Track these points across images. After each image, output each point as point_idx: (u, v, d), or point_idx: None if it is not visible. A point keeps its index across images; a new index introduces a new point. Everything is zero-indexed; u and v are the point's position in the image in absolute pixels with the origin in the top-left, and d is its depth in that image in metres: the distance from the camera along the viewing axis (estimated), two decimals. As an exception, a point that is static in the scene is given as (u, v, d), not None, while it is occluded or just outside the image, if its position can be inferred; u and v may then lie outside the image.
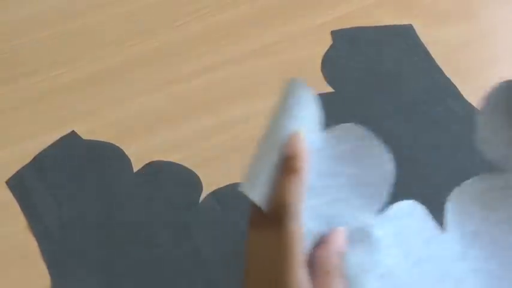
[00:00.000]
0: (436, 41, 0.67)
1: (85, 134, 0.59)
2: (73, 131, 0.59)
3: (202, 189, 0.55)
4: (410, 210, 0.39)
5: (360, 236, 0.36)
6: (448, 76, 0.63)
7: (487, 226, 0.42)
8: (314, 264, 0.32)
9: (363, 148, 0.38)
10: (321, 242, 0.34)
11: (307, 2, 0.71)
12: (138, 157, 0.57)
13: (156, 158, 0.57)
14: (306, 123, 0.35)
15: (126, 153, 0.57)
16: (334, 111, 0.61)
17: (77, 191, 0.55)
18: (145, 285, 0.50)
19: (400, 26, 0.68)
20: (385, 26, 0.68)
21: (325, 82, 0.63)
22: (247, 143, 0.59)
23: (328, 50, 0.66)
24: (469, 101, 0.60)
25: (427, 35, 0.67)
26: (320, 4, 0.71)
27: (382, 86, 0.60)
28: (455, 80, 0.63)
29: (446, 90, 0.62)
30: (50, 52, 0.66)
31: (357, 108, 0.61)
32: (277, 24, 0.69)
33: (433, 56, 0.65)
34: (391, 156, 0.37)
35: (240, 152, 0.58)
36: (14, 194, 0.55)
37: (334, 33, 0.68)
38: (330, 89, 0.63)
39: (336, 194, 0.36)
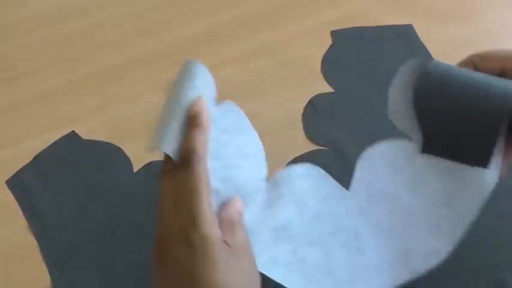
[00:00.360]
0: (436, 41, 0.67)
1: (85, 134, 0.59)
2: (73, 131, 0.59)
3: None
4: (303, 173, 0.46)
5: (252, 197, 0.43)
6: (448, 76, 0.63)
7: (393, 186, 0.46)
8: (220, 220, 0.38)
9: (240, 124, 0.44)
10: (223, 204, 0.40)
11: (307, 2, 0.71)
12: (138, 157, 0.57)
13: (156, 158, 0.57)
14: (205, 94, 0.41)
15: (126, 153, 0.57)
16: (334, 111, 0.61)
17: (77, 191, 0.55)
18: (145, 285, 0.50)
19: (400, 26, 0.68)
20: (385, 26, 0.68)
21: (325, 82, 0.64)
22: (247, 143, 0.59)
23: (328, 50, 0.66)
24: (469, 101, 0.60)
25: (427, 35, 0.68)
26: (320, 4, 0.71)
27: (382, 86, 0.60)
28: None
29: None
30: (50, 52, 0.66)
31: (357, 108, 0.61)
32: (277, 24, 0.69)
33: (433, 56, 0.65)
34: (256, 134, 0.45)
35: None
36: (14, 194, 0.55)
37: (334, 33, 0.68)
38: (330, 89, 0.63)
39: (229, 160, 0.42)
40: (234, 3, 0.71)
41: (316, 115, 0.61)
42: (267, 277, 0.42)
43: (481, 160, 0.44)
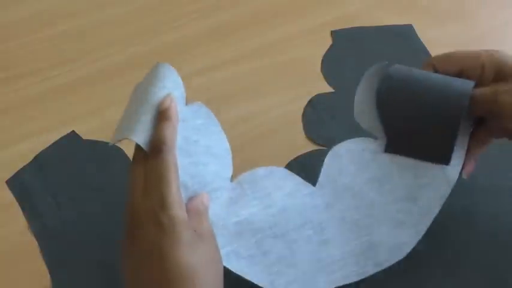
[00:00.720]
0: (435, 41, 0.67)
1: (85, 134, 0.59)
2: (73, 131, 0.59)
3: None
4: (267, 174, 0.48)
5: (218, 194, 0.46)
6: (448, 76, 0.63)
7: (358, 182, 0.49)
8: (188, 210, 0.41)
9: (209, 126, 0.47)
10: (191, 197, 0.43)
11: (307, 2, 0.71)
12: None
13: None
14: (175, 94, 0.44)
15: (126, 153, 0.57)
16: (334, 111, 0.61)
17: (77, 191, 0.55)
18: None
19: (400, 26, 0.68)
20: (386, 26, 0.68)
21: (325, 82, 0.64)
22: (247, 143, 0.59)
23: (328, 50, 0.66)
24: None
25: (427, 35, 0.68)
26: (320, 4, 0.71)
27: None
28: (455, 80, 0.63)
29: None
30: (50, 52, 0.66)
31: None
32: (277, 24, 0.69)
33: (433, 56, 0.65)
34: (225, 136, 0.48)
35: (240, 151, 0.58)
36: (14, 194, 0.55)
37: (335, 33, 0.68)
38: (330, 89, 0.63)
39: (198, 158, 0.45)
40: (233, 3, 0.71)
41: (316, 115, 0.61)
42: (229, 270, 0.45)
43: (442, 157, 0.47)
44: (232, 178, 0.49)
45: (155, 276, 0.39)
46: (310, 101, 0.62)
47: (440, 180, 0.48)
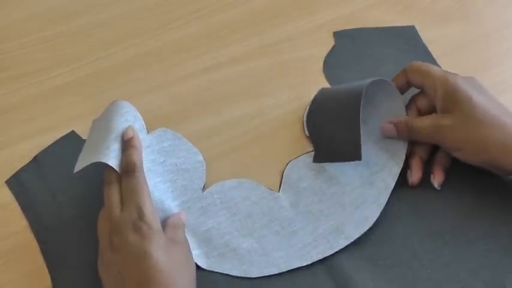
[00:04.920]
0: (436, 41, 0.67)
1: (85, 134, 0.59)
2: (73, 131, 0.59)
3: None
4: (235, 185, 0.54)
5: (189, 205, 0.53)
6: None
7: (318, 183, 0.55)
8: (166, 224, 0.49)
9: (177, 146, 0.55)
10: (172, 214, 0.51)
11: (308, 2, 0.71)
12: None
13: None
14: (136, 126, 0.52)
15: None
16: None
17: (77, 191, 0.54)
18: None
19: (401, 27, 0.68)
20: (388, 27, 0.68)
21: (327, 82, 0.63)
22: (247, 143, 0.59)
23: (330, 50, 0.66)
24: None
25: (427, 36, 0.67)
26: (320, 4, 0.71)
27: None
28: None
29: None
30: (50, 52, 0.66)
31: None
32: (278, 24, 0.69)
33: (434, 56, 0.65)
34: (198, 150, 0.55)
35: (240, 151, 0.58)
36: (14, 194, 0.55)
37: (336, 34, 0.68)
38: (330, 89, 0.63)
39: (165, 176, 0.53)
40: (234, 3, 0.71)
41: (316, 115, 0.61)
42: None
43: (354, 154, 0.52)
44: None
45: (140, 274, 0.44)
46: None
47: (390, 164, 0.54)
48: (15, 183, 0.56)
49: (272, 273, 0.50)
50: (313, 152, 0.57)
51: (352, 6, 0.71)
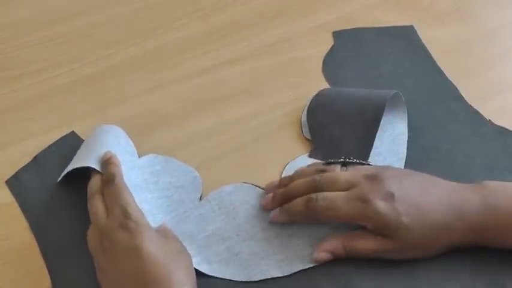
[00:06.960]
0: (436, 41, 0.67)
1: (85, 134, 0.59)
2: (73, 131, 0.59)
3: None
4: (232, 190, 0.54)
5: (188, 214, 0.53)
6: (448, 77, 0.63)
7: None
8: (156, 230, 0.48)
9: (170, 167, 0.56)
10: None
11: (308, 2, 0.71)
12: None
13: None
14: (127, 149, 0.55)
15: (126, 153, 0.57)
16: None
17: (76, 190, 0.55)
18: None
19: (401, 26, 0.68)
20: (387, 27, 0.68)
21: (326, 82, 0.63)
22: (247, 143, 0.59)
23: (329, 50, 0.66)
24: (469, 101, 0.60)
25: (427, 36, 0.67)
26: (320, 4, 0.71)
27: (383, 87, 0.60)
28: (455, 81, 0.62)
29: (446, 91, 0.62)
30: (50, 52, 0.66)
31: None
32: (277, 24, 0.69)
33: (433, 56, 0.65)
34: (193, 168, 0.56)
35: (240, 151, 0.58)
36: (14, 194, 0.55)
37: (336, 34, 0.68)
38: (330, 89, 0.63)
39: (159, 193, 0.54)
40: (234, 3, 0.71)
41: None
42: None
43: (362, 155, 0.54)
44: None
45: (135, 270, 0.44)
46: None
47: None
48: (15, 183, 0.56)
49: (275, 276, 0.49)
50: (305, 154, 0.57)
51: (352, 6, 0.71)
